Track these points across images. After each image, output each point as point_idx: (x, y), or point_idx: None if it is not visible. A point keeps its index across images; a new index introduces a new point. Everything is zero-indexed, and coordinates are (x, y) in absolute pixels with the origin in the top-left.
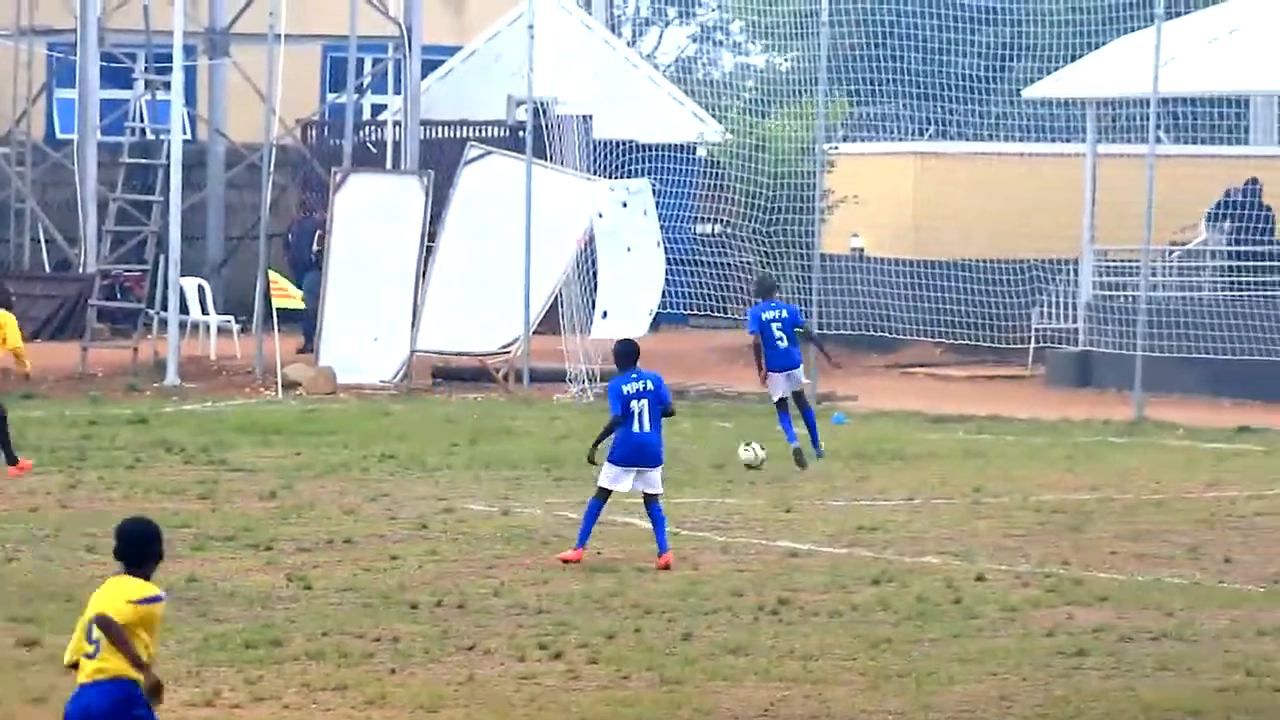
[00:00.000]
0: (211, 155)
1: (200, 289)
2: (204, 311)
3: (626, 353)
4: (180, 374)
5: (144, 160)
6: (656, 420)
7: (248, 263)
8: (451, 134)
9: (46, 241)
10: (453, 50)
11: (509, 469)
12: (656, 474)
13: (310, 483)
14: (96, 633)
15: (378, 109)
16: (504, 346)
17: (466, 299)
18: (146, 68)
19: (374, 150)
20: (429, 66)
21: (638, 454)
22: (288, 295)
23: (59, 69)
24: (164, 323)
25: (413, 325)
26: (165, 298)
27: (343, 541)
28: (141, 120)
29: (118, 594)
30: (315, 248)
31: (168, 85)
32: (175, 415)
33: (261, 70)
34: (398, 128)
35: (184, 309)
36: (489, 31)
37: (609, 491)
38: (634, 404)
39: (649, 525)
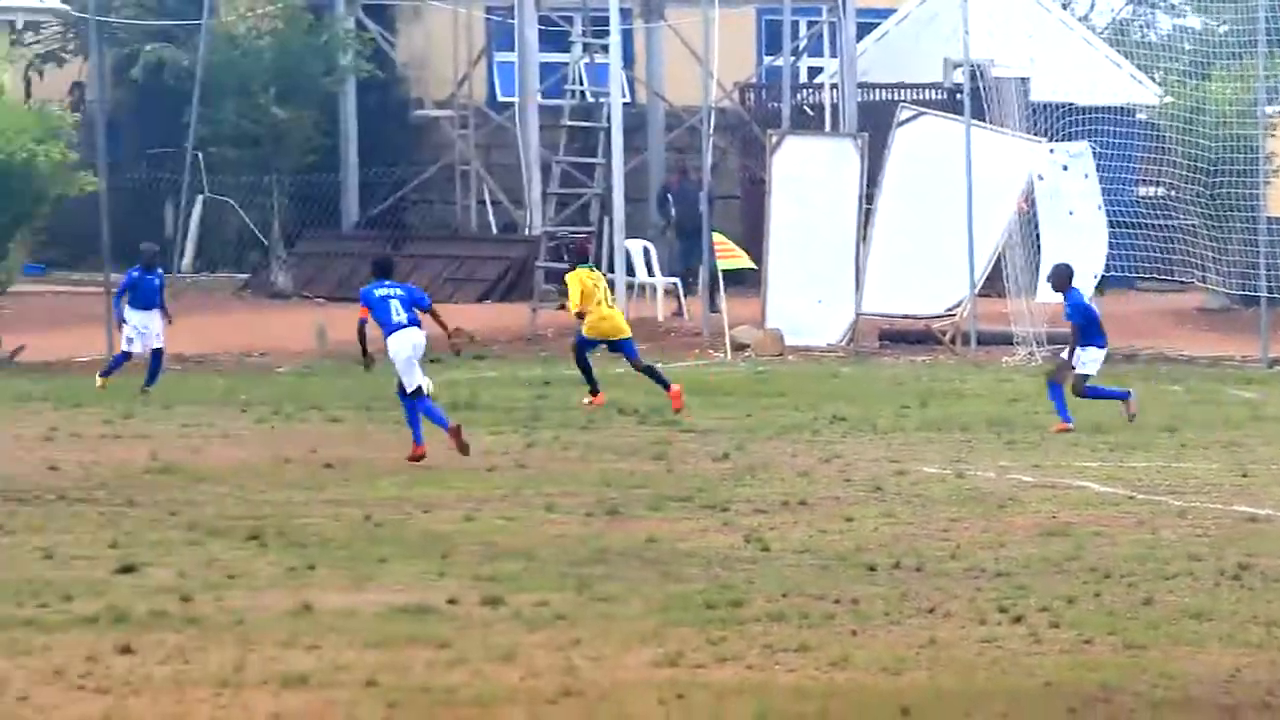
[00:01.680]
0: (651, 117)
1: (645, 251)
2: (650, 273)
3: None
4: None
5: (585, 123)
6: None
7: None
8: (888, 96)
9: (493, 204)
10: (887, 13)
11: (960, 431)
12: None
13: (763, 444)
14: None
15: (814, 72)
16: (949, 309)
17: (908, 261)
18: (584, 31)
19: (810, 113)
20: (863, 29)
21: None
22: (734, 255)
23: (498, 33)
24: (611, 284)
25: (856, 288)
26: (611, 260)
27: (798, 503)
28: (581, 83)
29: None
30: (702, 211)
31: (605, 49)
32: (625, 376)
33: (697, 33)
34: (834, 90)
35: (630, 271)
36: None
37: None
38: None
39: (1105, 490)
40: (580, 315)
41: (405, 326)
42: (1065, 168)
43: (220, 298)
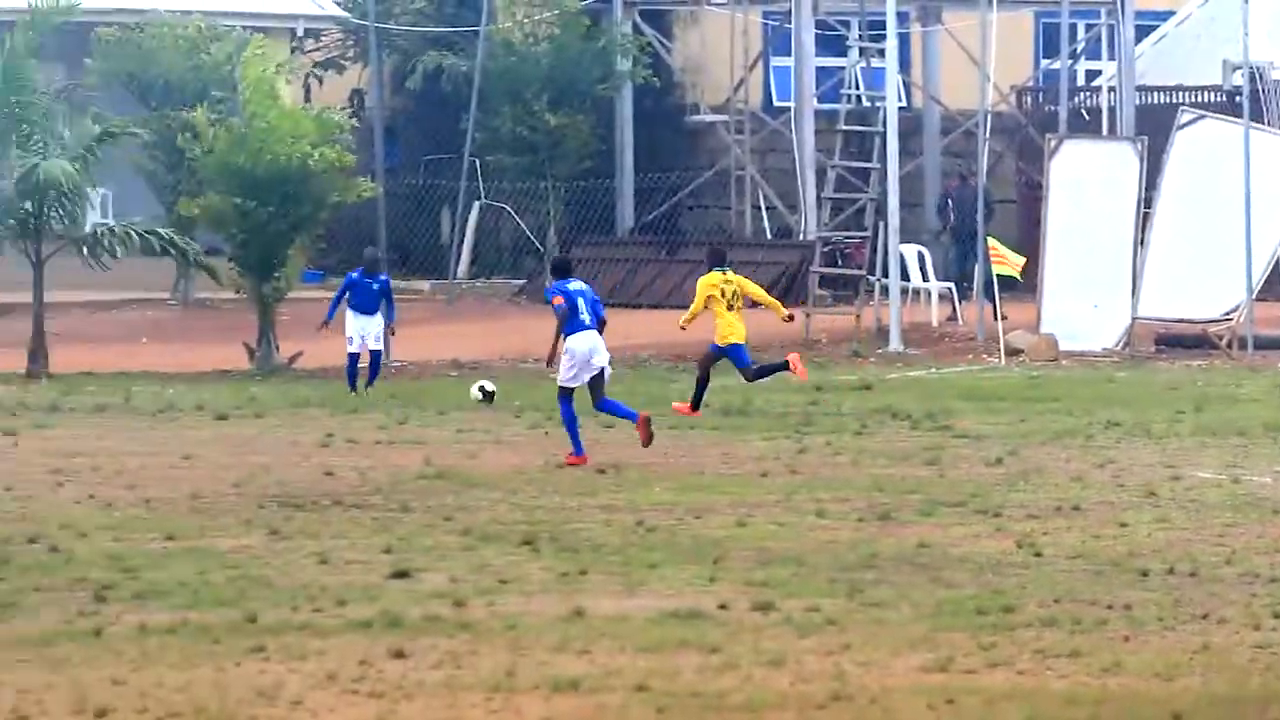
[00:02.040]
0: (927, 122)
1: (920, 255)
2: (924, 278)
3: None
4: (903, 340)
5: (860, 127)
6: None
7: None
8: (1167, 100)
9: (767, 209)
10: (1166, 15)
11: (1236, 436)
12: None
13: (1036, 449)
14: None
15: (1092, 75)
16: (1226, 313)
17: (1186, 266)
18: (860, 35)
19: (1088, 117)
20: (1142, 31)
21: None
22: (1006, 262)
23: (774, 37)
24: (885, 289)
25: (1133, 292)
26: (885, 264)
27: (1071, 508)
28: (857, 87)
29: None
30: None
31: (881, 52)
32: (899, 381)
33: (974, 36)
34: (1112, 94)
35: (904, 275)
36: None
37: None
38: None
39: None
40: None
41: (588, 328)
42: None
43: (495, 304)
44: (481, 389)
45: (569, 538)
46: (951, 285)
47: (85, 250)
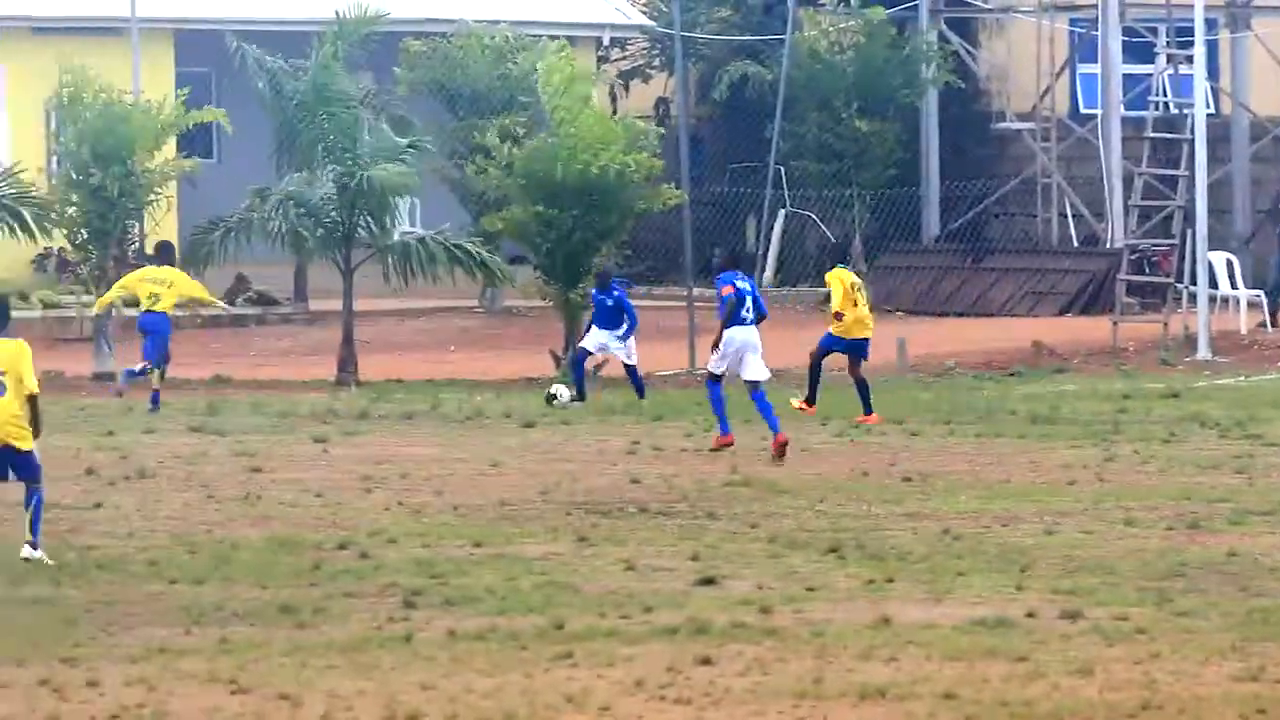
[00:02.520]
0: (1235, 129)
1: (1228, 263)
2: (1233, 286)
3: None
4: (1211, 348)
5: (1168, 135)
6: None
7: (1272, 237)
8: None
9: (1074, 216)
10: None
11: None
12: None
13: None
14: None
15: None
16: None
17: None
18: (1168, 42)
19: None
20: None
21: None
22: None
23: (1081, 45)
24: (1193, 297)
25: None
26: (1194, 272)
27: None
28: (1164, 94)
29: None
30: None
31: (1189, 59)
32: (1208, 390)
33: None
34: None
35: (1212, 283)
36: None
37: None
38: None
39: None
40: (839, 316)
41: (749, 324)
42: None
43: (797, 313)
44: (552, 395)
45: (875, 545)
46: (1261, 293)
47: (392, 261)
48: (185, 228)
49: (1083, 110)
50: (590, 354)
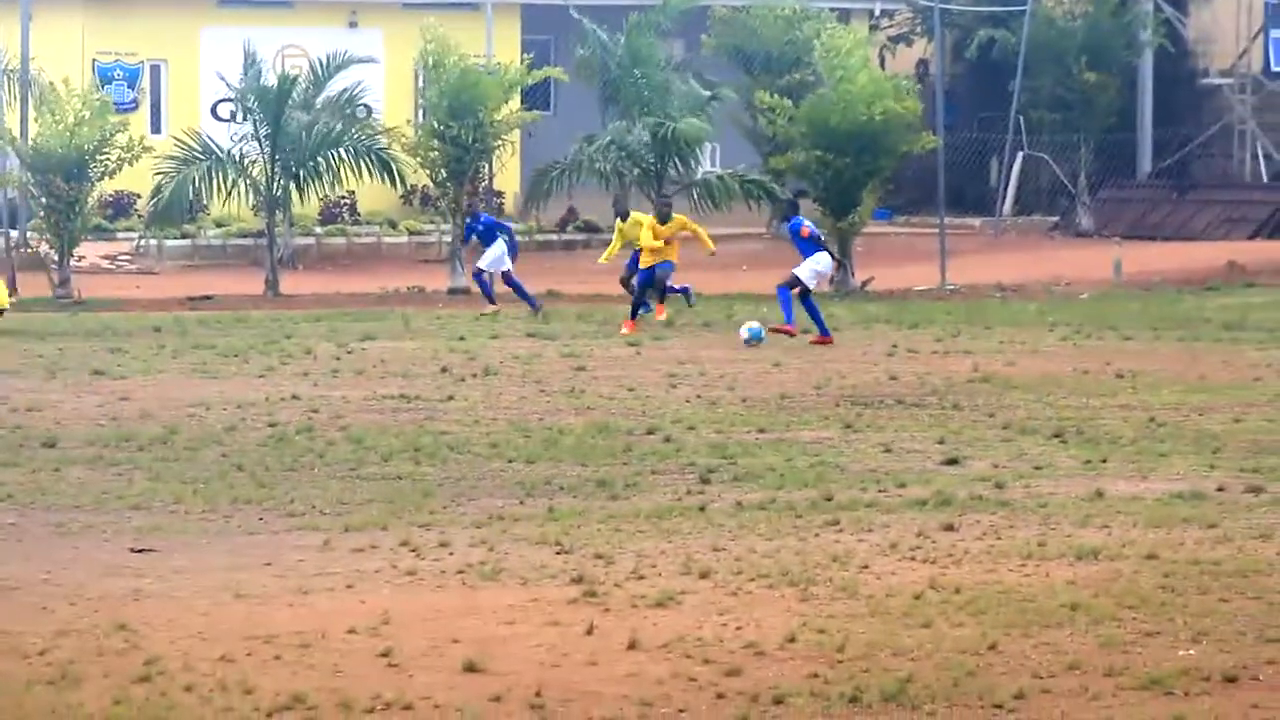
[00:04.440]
0: None
1: None
2: None
3: None
4: None
5: None
6: None
7: None
8: None
9: (1265, 157)
10: None
11: None
12: None
13: None
14: None
15: None
16: None
17: None
18: None
19: None
20: None
21: None
22: None
23: (1275, 12)
24: None
25: None
26: None
27: None
28: None
29: None
30: None
31: None
32: None
33: None
34: None
35: None
36: None
37: None
38: None
39: None
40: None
41: (828, 252)
42: None
43: (1034, 238)
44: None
45: (1092, 431)
46: None
47: (696, 194)
48: (526, 169)
49: (1274, 68)
50: (485, 272)
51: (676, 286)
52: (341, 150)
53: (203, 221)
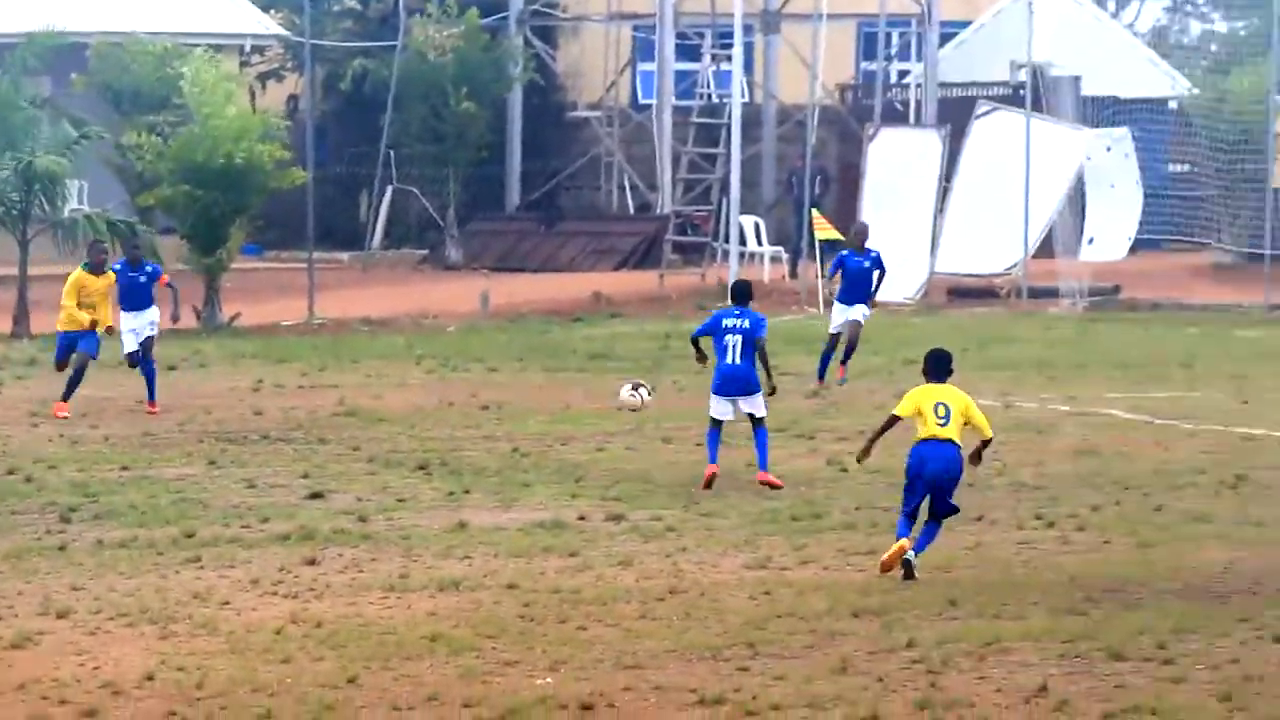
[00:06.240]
0: (765, 114)
1: (756, 225)
2: (759, 243)
3: (739, 291)
4: None
5: (710, 120)
6: (749, 355)
7: (789, 203)
8: (963, 94)
9: (631, 188)
10: (964, 24)
11: (1010, 369)
12: (755, 400)
13: (849, 383)
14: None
15: (903, 74)
16: (1007, 268)
17: (977, 230)
18: (713, 44)
19: (900, 109)
20: (945, 38)
21: (729, 384)
22: (827, 229)
23: (641, 47)
24: (726, 253)
25: (931, 251)
26: (727, 233)
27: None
28: (708, 87)
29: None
30: (816, 191)
31: (729, 58)
32: None
33: (807, 43)
34: (919, 89)
35: (742, 241)
36: (995, 8)
37: (720, 421)
38: (728, 339)
39: (1129, 416)
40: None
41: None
42: (1109, 149)
43: (403, 271)
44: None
45: (456, 463)
46: (781, 249)
47: (60, 233)
48: None
49: (641, 101)
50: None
51: None
52: None
53: None
